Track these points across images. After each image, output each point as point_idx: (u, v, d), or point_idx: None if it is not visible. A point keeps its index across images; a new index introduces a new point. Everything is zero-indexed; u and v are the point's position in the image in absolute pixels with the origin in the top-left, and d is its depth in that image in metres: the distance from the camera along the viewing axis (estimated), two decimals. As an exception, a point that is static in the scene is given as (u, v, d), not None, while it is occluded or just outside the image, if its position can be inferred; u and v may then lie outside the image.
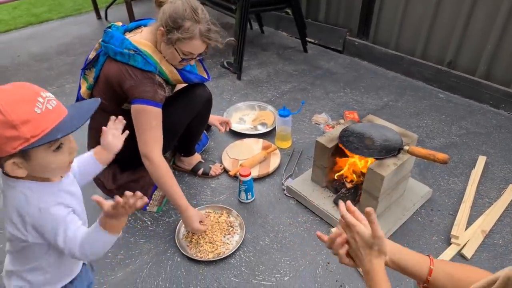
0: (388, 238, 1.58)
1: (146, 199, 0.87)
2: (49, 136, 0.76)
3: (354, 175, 1.67)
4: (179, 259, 1.56)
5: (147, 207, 1.78)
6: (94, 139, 1.64)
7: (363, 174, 1.65)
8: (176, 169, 2.00)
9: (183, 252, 1.56)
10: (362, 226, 0.84)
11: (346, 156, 1.67)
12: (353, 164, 1.67)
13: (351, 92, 2.66)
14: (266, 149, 2.04)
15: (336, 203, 1.67)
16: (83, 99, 1.58)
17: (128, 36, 1.50)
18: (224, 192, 1.87)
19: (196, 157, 1.98)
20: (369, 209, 0.82)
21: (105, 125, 1.12)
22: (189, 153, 1.91)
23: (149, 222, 1.73)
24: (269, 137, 2.20)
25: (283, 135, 2.09)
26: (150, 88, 1.45)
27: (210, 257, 1.54)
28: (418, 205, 1.73)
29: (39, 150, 0.78)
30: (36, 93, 0.76)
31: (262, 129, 2.26)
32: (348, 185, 1.70)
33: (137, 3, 3.70)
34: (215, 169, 1.96)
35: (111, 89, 1.49)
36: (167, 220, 1.73)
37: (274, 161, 2.00)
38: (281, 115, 2.02)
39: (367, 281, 0.83)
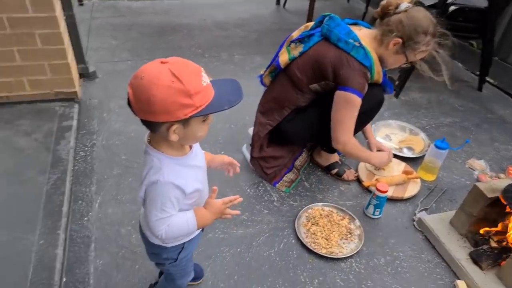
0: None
1: (238, 211, 1.05)
2: (211, 108, 0.82)
3: (508, 237, 1.48)
4: (293, 241, 1.63)
5: (277, 184, 1.90)
6: (273, 106, 1.78)
7: (517, 239, 1.46)
8: (312, 162, 2.07)
9: (299, 237, 1.62)
10: None
11: (505, 212, 1.49)
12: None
13: (522, 149, 2.32)
14: (407, 174, 1.94)
15: (472, 257, 1.51)
16: (279, 66, 1.70)
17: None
18: (351, 199, 1.87)
19: (335, 157, 2.00)
20: None
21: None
22: (332, 150, 1.95)
23: (275, 198, 1.84)
24: (412, 163, 2.08)
25: (430, 167, 1.96)
26: (363, 81, 1.56)
27: (323, 252, 1.57)
28: None
29: (197, 119, 0.85)
30: (199, 69, 0.83)
31: (407, 153, 2.16)
32: (493, 244, 1.52)
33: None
34: (349, 174, 1.96)
35: (316, 67, 1.61)
36: (291, 202, 1.82)
37: (412, 188, 1.90)
38: (437, 147, 1.89)
39: None
